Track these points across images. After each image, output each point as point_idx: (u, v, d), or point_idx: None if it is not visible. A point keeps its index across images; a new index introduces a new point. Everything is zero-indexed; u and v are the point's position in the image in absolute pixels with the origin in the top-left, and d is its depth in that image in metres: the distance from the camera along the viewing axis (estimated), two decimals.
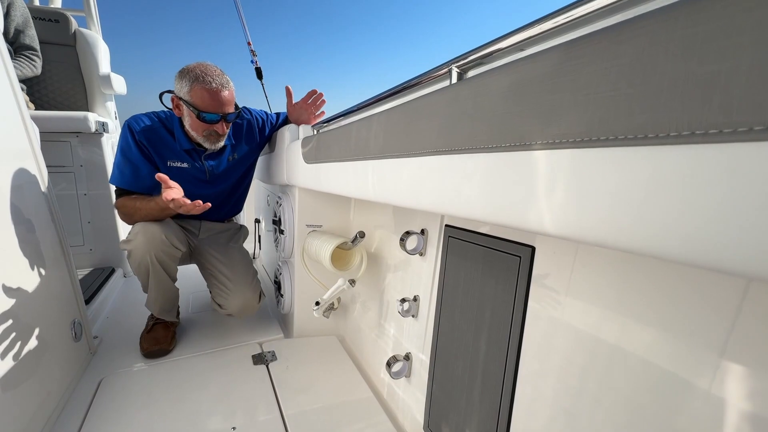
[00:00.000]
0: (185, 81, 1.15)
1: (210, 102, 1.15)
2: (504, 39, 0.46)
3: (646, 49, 0.22)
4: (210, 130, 1.21)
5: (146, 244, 1.18)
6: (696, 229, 0.21)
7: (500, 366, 0.65)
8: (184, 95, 1.16)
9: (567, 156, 0.28)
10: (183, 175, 1.31)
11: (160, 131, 1.25)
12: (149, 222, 1.19)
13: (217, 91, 1.15)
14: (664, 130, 0.21)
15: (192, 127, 1.22)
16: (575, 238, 0.29)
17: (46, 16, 2.12)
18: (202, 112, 1.15)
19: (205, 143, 1.26)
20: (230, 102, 1.20)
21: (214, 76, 1.15)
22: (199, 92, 1.14)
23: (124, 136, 1.22)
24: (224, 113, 1.19)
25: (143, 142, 1.22)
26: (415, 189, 0.53)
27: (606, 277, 0.48)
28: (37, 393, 0.90)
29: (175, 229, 1.27)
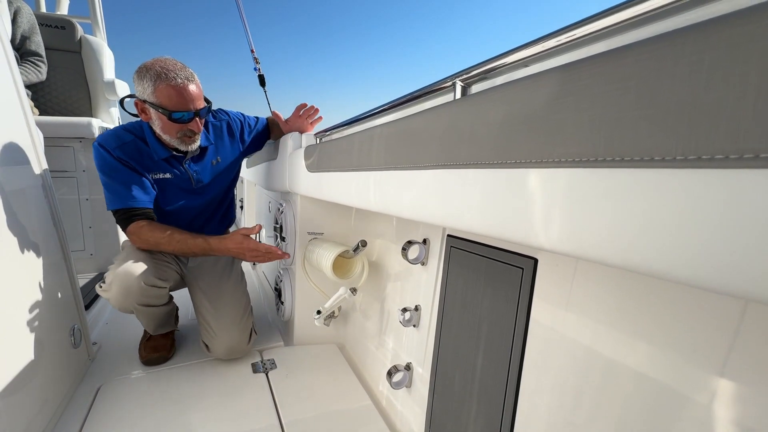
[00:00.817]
0: (146, 81, 1.03)
1: (178, 99, 1.04)
2: (508, 55, 0.46)
3: (652, 72, 0.22)
4: (184, 129, 1.10)
5: (123, 296, 1.10)
6: (696, 253, 0.21)
7: (502, 379, 0.64)
8: (149, 97, 1.04)
9: (570, 175, 0.28)
10: (168, 186, 1.22)
11: (134, 143, 1.14)
12: (128, 261, 1.09)
13: (183, 86, 1.04)
14: (671, 153, 0.21)
15: (164, 130, 1.10)
16: (576, 255, 0.29)
17: (52, 23, 2.15)
18: (172, 112, 1.04)
19: (180, 145, 1.14)
20: (199, 96, 1.09)
21: (176, 70, 1.03)
22: (165, 91, 1.03)
23: (101, 157, 1.11)
24: (196, 109, 1.08)
25: (123, 158, 1.12)
26: (417, 202, 0.54)
27: (611, 292, 0.48)
28: (35, 400, 0.90)
29: (158, 264, 1.17)
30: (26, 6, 1.92)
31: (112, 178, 1.12)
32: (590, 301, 0.51)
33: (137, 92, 1.07)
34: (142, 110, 1.10)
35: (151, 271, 1.12)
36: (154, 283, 1.12)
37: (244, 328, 1.27)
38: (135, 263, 1.10)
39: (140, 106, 1.09)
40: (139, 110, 1.10)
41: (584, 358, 0.51)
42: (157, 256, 1.19)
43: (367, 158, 0.67)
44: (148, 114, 1.09)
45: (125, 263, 1.09)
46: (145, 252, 1.17)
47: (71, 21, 2.21)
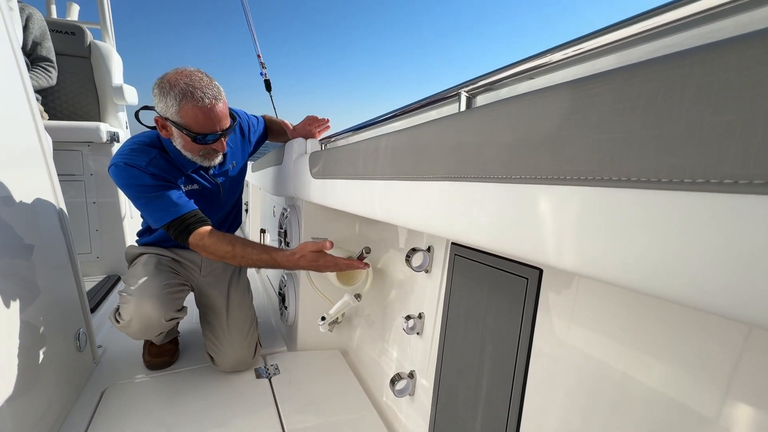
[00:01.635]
0: (170, 99, 0.96)
1: (205, 122, 0.98)
2: (514, 66, 0.46)
3: (660, 93, 0.22)
4: (208, 149, 1.06)
5: (143, 332, 1.09)
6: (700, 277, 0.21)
7: (506, 390, 0.64)
8: (172, 116, 0.98)
9: (577, 193, 0.28)
10: (198, 198, 1.19)
11: (161, 157, 1.09)
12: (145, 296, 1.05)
13: (211, 107, 0.97)
14: (678, 175, 0.21)
15: (185, 148, 1.05)
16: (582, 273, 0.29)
17: (62, 29, 2.18)
18: (197, 135, 0.99)
19: (202, 162, 1.10)
20: (226, 115, 1.03)
21: (204, 88, 0.96)
22: (191, 112, 0.96)
23: (133, 176, 1.03)
24: (222, 129, 1.03)
25: (156, 173, 1.06)
26: (422, 212, 0.53)
27: (618, 304, 0.48)
28: (41, 402, 0.90)
29: (174, 294, 1.12)
30: (38, 12, 1.96)
31: (151, 195, 1.04)
32: (596, 313, 0.50)
33: (159, 108, 0.99)
34: (162, 127, 1.03)
35: (170, 304, 1.09)
36: (173, 317, 1.11)
37: (250, 343, 1.27)
38: (153, 299, 1.05)
39: (161, 123, 1.02)
40: (159, 126, 1.04)
41: (588, 369, 0.51)
42: (173, 282, 1.14)
43: (373, 167, 0.67)
44: (170, 131, 1.03)
45: (142, 299, 1.05)
46: (160, 277, 1.11)
47: (81, 27, 2.24)
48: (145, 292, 1.06)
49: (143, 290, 1.07)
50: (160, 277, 1.11)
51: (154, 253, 1.22)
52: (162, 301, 1.07)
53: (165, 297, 1.08)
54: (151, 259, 1.17)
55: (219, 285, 1.32)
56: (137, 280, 1.09)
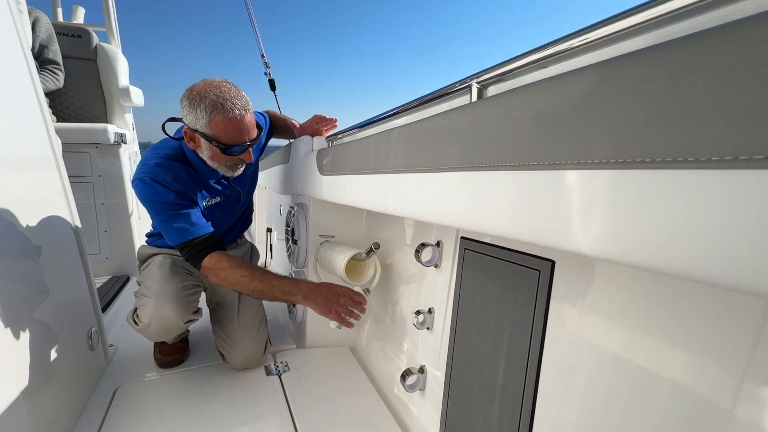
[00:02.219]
0: (200, 111, 0.96)
1: (235, 134, 0.99)
2: (524, 57, 0.46)
3: (683, 74, 0.22)
4: (236, 159, 1.06)
5: (161, 335, 1.12)
6: (732, 255, 0.21)
7: (519, 384, 0.64)
8: (202, 128, 0.98)
9: (600, 176, 0.28)
10: (220, 210, 1.20)
11: (185, 173, 1.09)
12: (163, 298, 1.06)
13: (241, 119, 0.98)
14: (705, 154, 0.21)
15: (212, 159, 1.05)
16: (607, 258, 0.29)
17: (69, 32, 2.20)
18: (227, 146, 1.00)
19: (227, 172, 1.10)
20: (254, 125, 1.04)
21: (233, 99, 0.97)
22: (222, 124, 0.96)
23: (158, 193, 1.03)
24: (250, 140, 1.04)
25: (181, 191, 1.06)
26: (436, 204, 0.53)
27: (630, 294, 0.47)
28: (55, 401, 0.91)
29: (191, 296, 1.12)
30: (44, 16, 1.98)
31: (172, 213, 1.05)
32: (611, 304, 0.50)
33: (188, 120, 0.99)
34: (191, 138, 1.03)
35: (187, 307, 1.10)
36: (190, 318, 1.13)
37: (260, 340, 1.28)
38: (171, 302, 1.06)
39: (189, 135, 1.02)
40: (187, 138, 1.03)
41: (603, 360, 0.51)
42: (189, 284, 1.14)
43: (384, 160, 0.67)
44: (198, 143, 1.03)
45: (161, 302, 1.06)
46: (176, 279, 1.11)
47: (87, 30, 2.26)
48: (164, 295, 1.07)
49: (161, 293, 1.07)
50: (176, 279, 1.11)
51: (168, 253, 1.22)
52: (180, 304, 1.08)
53: (183, 300, 1.09)
54: (166, 260, 1.17)
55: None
56: (154, 283, 1.09)
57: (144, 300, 1.08)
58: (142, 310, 1.09)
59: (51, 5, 2.56)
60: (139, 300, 1.11)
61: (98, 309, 1.24)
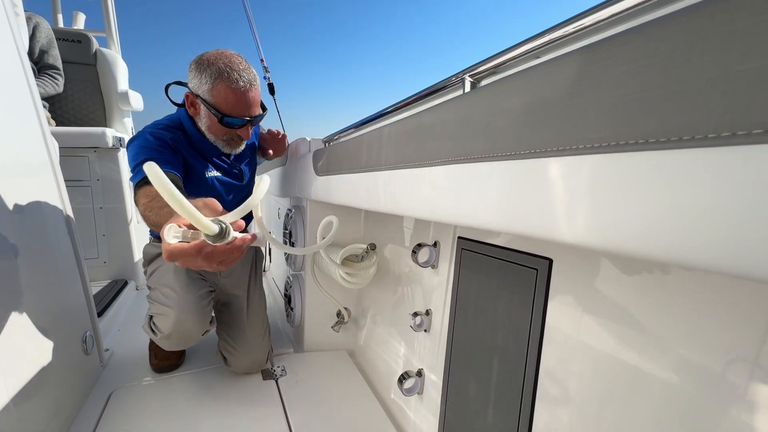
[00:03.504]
0: (206, 76, 0.94)
1: (236, 104, 0.96)
2: (517, 47, 0.45)
3: (678, 47, 0.20)
4: (233, 134, 1.04)
5: (179, 345, 1.08)
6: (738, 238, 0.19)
7: (517, 387, 0.62)
8: (204, 93, 0.96)
9: (592, 161, 0.27)
10: (222, 186, 1.16)
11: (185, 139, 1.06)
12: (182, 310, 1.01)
13: (244, 91, 0.96)
14: (702, 131, 0.19)
15: (210, 130, 1.03)
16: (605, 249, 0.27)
17: (69, 37, 2.21)
18: (226, 116, 0.97)
19: (224, 148, 1.08)
20: (257, 102, 1.01)
21: (241, 71, 0.95)
22: (224, 92, 0.95)
23: (141, 136, 0.99)
24: (251, 116, 1.01)
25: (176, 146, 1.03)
26: (428, 200, 0.52)
27: (630, 293, 0.46)
28: (48, 406, 0.90)
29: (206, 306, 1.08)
30: (44, 21, 1.99)
31: (138, 150, 0.96)
32: (609, 302, 0.49)
33: (192, 84, 0.98)
34: (191, 104, 1.01)
35: (206, 319, 1.08)
36: (207, 328, 1.11)
37: (265, 347, 1.26)
38: (192, 314, 1.03)
39: (191, 99, 1.00)
40: (188, 103, 1.02)
41: (602, 360, 0.49)
42: (204, 292, 1.08)
43: (376, 158, 0.66)
44: (197, 109, 1.01)
45: (183, 314, 1.02)
46: (194, 287, 1.06)
47: (87, 35, 2.27)
48: (185, 307, 1.02)
49: (183, 305, 1.02)
50: (193, 289, 1.06)
51: None
52: (201, 316, 1.05)
53: (201, 310, 1.05)
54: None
55: (240, 286, 1.29)
56: (173, 292, 1.04)
57: (163, 309, 1.04)
58: (161, 320, 1.04)
59: (51, 11, 2.58)
60: (156, 308, 1.06)
61: (93, 313, 1.23)
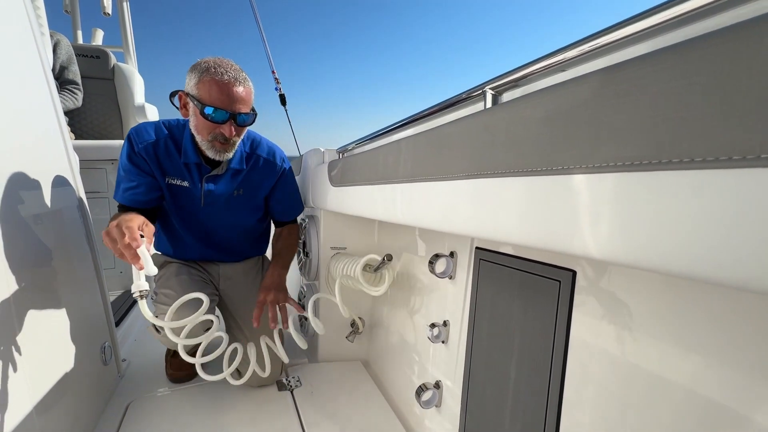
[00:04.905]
0: (196, 73, 0.96)
1: (218, 95, 0.94)
2: (540, 61, 0.45)
3: (724, 67, 0.20)
4: (216, 132, 0.99)
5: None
6: None
7: (541, 401, 0.61)
8: (191, 89, 0.97)
9: (622, 179, 0.26)
10: (183, 195, 1.15)
11: (164, 143, 1.09)
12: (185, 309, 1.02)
13: (228, 83, 0.95)
14: (754, 151, 0.19)
15: (197, 129, 1.02)
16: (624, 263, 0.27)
17: (88, 53, 2.28)
18: (206, 106, 0.95)
19: (209, 150, 1.04)
20: (244, 101, 0.99)
21: (228, 68, 0.96)
22: (208, 84, 0.94)
23: (125, 147, 1.08)
24: (234, 111, 0.97)
25: (142, 155, 1.07)
26: (446, 212, 0.52)
27: (658, 305, 0.45)
28: (68, 416, 0.91)
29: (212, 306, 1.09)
30: (65, 38, 2.06)
31: (121, 169, 1.09)
32: (636, 316, 0.48)
33: (185, 85, 1.01)
34: (184, 105, 1.03)
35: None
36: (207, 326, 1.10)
37: (277, 358, 1.23)
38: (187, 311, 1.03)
39: (183, 100, 1.02)
40: (181, 104, 1.03)
41: (631, 375, 0.48)
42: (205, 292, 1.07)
43: (394, 170, 0.66)
44: (188, 109, 1.02)
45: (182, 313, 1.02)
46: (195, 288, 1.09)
47: (105, 51, 2.34)
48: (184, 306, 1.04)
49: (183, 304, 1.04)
50: (193, 289, 1.10)
51: (182, 262, 1.21)
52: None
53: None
54: (182, 269, 1.17)
55: (240, 294, 1.30)
56: (174, 292, 1.09)
57: (164, 309, 1.07)
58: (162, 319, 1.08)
59: (72, 28, 2.67)
60: (159, 309, 1.10)
61: (112, 323, 1.25)
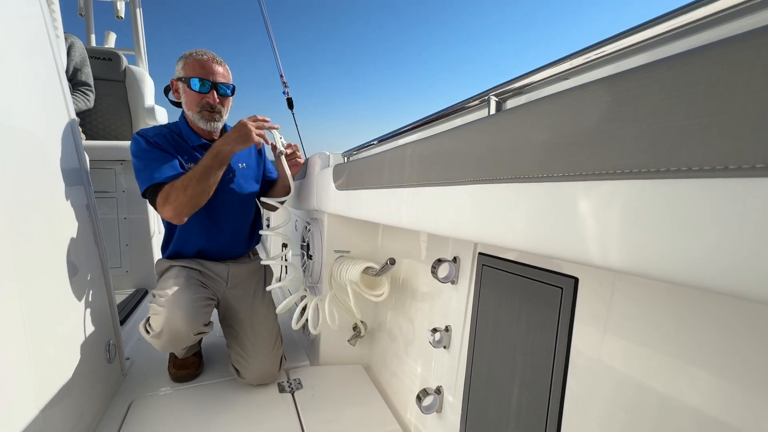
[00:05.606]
0: (181, 61, 1.18)
1: (200, 69, 1.16)
2: (545, 69, 0.46)
3: (723, 76, 0.21)
4: (203, 102, 1.18)
5: (172, 345, 1.14)
6: None
7: (542, 407, 0.60)
8: (178, 72, 1.19)
9: (628, 187, 0.27)
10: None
11: (170, 135, 1.22)
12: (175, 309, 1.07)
13: (207, 60, 1.17)
14: (750, 161, 0.19)
15: (188, 105, 1.20)
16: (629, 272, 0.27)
17: (101, 55, 2.32)
18: (191, 78, 1.15)
19: (200, 122, 1.20)
20: (223, 75, 1.20)
21: (206, 52, 1.18)
22: (191, 63, 1.16)
23: (136, 142, 1.17)
24: (215, 81, 1.18)
25: (158, 143, 1.18)
26: (450, 218, 0.52)
27: (661, 314, 0.45)
28: (73, 413, 0.92)
29: (201, 308, 1.14)
30: (78, 41, 2.10)
31: (143, 160, 1.14)
32: (639, 323, 0.47)
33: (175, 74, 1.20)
34: (175, 90, 1.21)
35: (199, 318, 1.12)
36: (201, 330, 1.14)
37: (276, 355, 1.27)
38: (183, 312, 1.08)
39: (175, 85, 1.21)
40: (174, 89, 1.22)
41: (632, 384, 0.48)
42: (201, 296, 1.16)
43: (399, 175, 0.67)
44: (179, 92, 1.21)
45: (173, 311, 1.07)
46: (189, 291, 1.13)
47: (117, 53, 2.39)
48: (176, 305, 1.08)
49: (173, 303, 1.08)
50: (189, 291, 1.13)
51: (183, 266, 1.24)
52: (191, 315, 1.09)
53: (194, 310, 1.10)
54: (181, 272, 1.19)
55: (245, 297, 1.33)
56: (167, 292, 1.11)
57: (156, 309, 1.10)
58: (154, 318, 1.10)
59: (85, 30, 2.72)
60: (152, 309, 1.12)
61: (117, 322, 1.26)
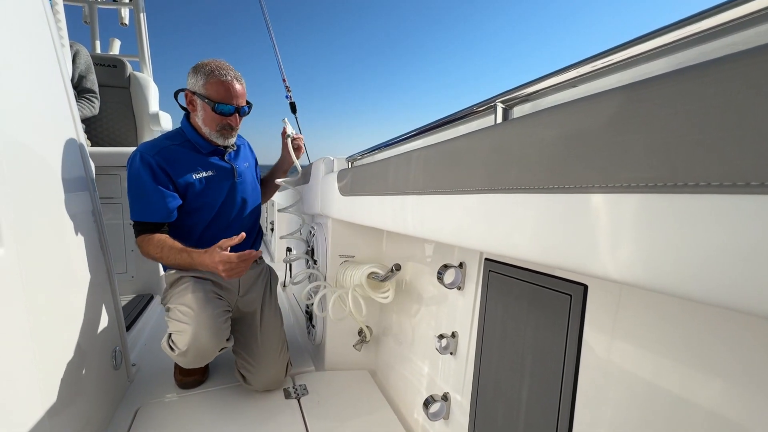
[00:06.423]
0: (200, 75, 1.16)
1: (225, 94, 1.17)
2: (552, 76, 0.45)
3: (741, 91, 0.20)
4: (224, 123, 1.20)
5: (197, 361, 1.13)
6: None
7: (552, 415, 0.60)
8: (199, 89, 1.17)
9: (639, 200, 0.26)
10: (210, 184, 1.25)
11: (173, 149, 1.22)
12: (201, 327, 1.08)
13: (231, 83, 1.17)
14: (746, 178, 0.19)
15: (205, 122, 1.20)
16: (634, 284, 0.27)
17: (105, 62, 2.34)
18: (217, 103, 1.16)
19: (218, 138, 1.23)
20: (243, 95, 1.22)
21: (228, 69, 1.18)
22: (215, 85, 1.16)
23: (134, 166, 1.16)
24: (238, 105, 1.20)
25: (162, 164, 1.17)
26: (457, 226, 0.52)
27: (672, 321, 0.44)
28: (79, 420, 0.92)
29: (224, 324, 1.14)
30: (84, 48, 2.12)
31: (136, 189, 1.16)
32: (649, 331, 0.47)
33: (189, 84, 1.19)
34: (190, 101, 1.21)
35: (222, 334, 1.13)
36: (224, 345, 1.15)
37: (282, 362, 1.27)
38: (209, 330, 1.09)
39: (189, 98, 1.21)
40: (187, 101, 1.21)
41: (642, 391, 0.47)
42: (221, 310, 1.15)
43: (404, 182, 0.66)
44: (195, 105, 1.20)
45: (200, 330, 1.08)
46: (211, 306, 1.13)
47: (122, 60, 2.41)
48: (202, 323, 1.08)
49: (199, 321, 1.08)
50: (210, 306, 1.12)
51: (197, 277, 1.21)
52: (217, 332, 1.10)
53: (219, 327, 1.11)
54: (197, 285, 1.16)
55: (253, 304, 1.33)
56: (190, 310, 1.10)
57: (181, 326, 1.09)
58: (178, 336, 1.09)
59: (90, 38, 2.75)
60: (174, 325, 1.11)
61: (123, 328, 1.26)
